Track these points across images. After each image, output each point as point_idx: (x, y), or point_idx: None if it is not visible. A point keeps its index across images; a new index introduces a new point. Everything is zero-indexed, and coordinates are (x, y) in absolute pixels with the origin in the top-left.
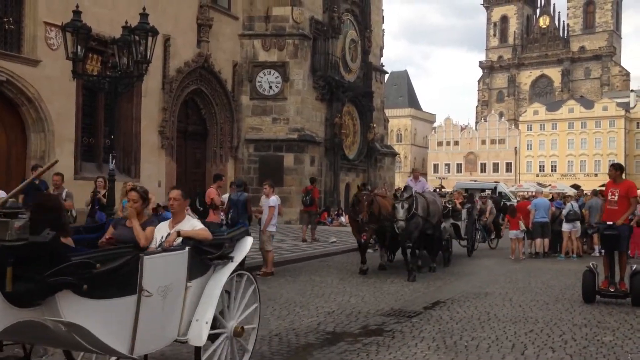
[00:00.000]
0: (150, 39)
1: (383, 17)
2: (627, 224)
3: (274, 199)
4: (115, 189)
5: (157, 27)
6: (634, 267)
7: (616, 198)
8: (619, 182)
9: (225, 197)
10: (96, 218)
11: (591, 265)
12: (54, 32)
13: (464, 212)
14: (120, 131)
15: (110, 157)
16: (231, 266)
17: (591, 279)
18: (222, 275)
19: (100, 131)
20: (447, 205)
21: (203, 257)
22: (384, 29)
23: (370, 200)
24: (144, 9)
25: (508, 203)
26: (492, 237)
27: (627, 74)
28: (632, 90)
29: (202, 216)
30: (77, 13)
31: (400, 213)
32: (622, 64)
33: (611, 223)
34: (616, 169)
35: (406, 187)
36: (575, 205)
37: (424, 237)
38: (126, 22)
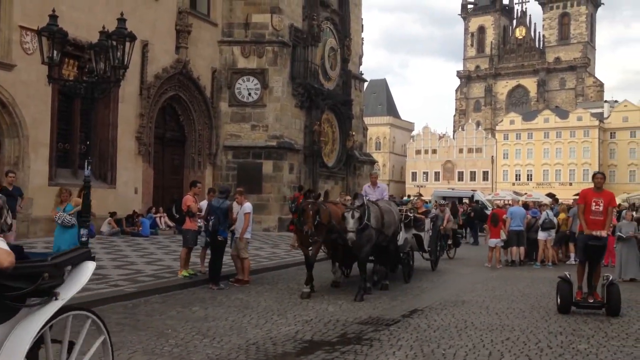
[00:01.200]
0: (128, 44)
1: (362, 25)
2: (607, 235)
3: (249, 205)
4: (90, 195)
5: (135, 32)
6: (609, 278)
7: (601, 208)
8: (601, 192)
9: (203, 204)
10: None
11: (566, 275)
12: (30, 37)
13: (427, 222)
14: (96, 137)
15: (86, 163)
16: (55, 305)
17: (567, 289)
18: (37, 320)
19: (76, 137)
20: (409, 214)
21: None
22: (363, 38)
23: (316, 210)
24: (121, 14)
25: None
26: (450, 246)
27: (601, 85)
28: (605, 101)
29: (179, 223)
30: (53, 17)
31: (350, 224)
32: (596, 75)
33: (597, 233)
34: (604, 177)
35: (357, 195)
36: (551, 213)
37: (380, 250)
38: (103, 27)
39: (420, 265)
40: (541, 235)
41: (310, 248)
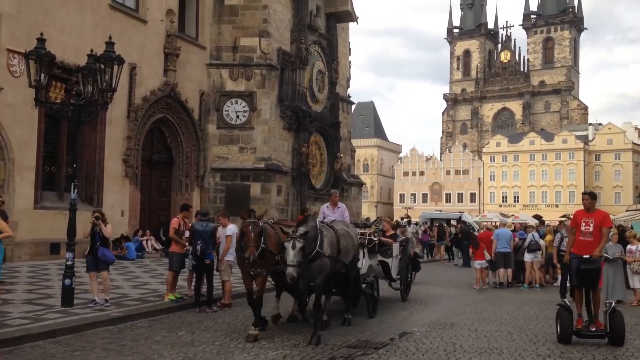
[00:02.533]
0: (116, 67)
1: (350, 49)
2: (600, 257)
3: (231, 228)
4: (76, 219)
5: (124, 55)
6: (612, 304)
7: (591, 229)
8: (593, 212)
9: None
10: (100, 255)
11: (566, 303)
12: (17, 59)
13: (395, 247)
14: (83, 160)
15: (72, 186)
16: None
17: (568, 318)
18: None
19: (62, 159)
20: (372, 238)
21: None
22: (350, 61)
23: (258, 232)
24: (110, 37)
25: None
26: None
27: (586, 108)
28: (590, 124)
29: (166, 246)
30: (41, 40)
31: (291, 256)
32: (580, 98)
33: (588, 257)
34: (592, 198)
35: (305, 219)
36: (537, 235)
37: (338, 279)
38: (92, 50)
39: (390, 295)
40: (527, 257)
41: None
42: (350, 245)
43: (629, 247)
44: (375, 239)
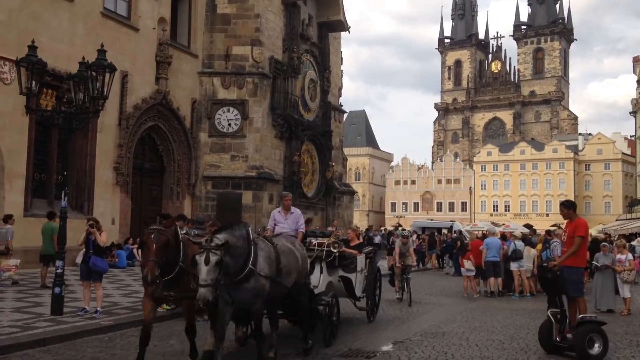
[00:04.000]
0: (107, 75)
1: (342, 58)
2: (575, 267)
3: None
4: (67, 226)
5: (115, 63)
6: (583, 317)
7: (565, 238)
8: (572, 221)
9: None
10: (90, 264)
11: (550, 313)
12: (8, 67)
13: (360, 260)
14: (73, 167)
15: (63, 193)
16: None
17: (548, 328)
18: None
19: (52, 167)
20: (332, 250)
21: None
22: (342, 70)
23: (164, 242)
24: (102, 45)
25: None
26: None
27: (575, 118)
28: (580, 134)
29: None
30: (32, 48)
31: (203, 272)
32: (570, 108)
33: (545, 265)
34: (567, 207)
35: (226, 226)
36: (519, 243)
37: (288, 302)
38: (83, 58)
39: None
40: (512, 266)
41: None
42: (293, 265)
43: (618, 256)
44: (335, 250)
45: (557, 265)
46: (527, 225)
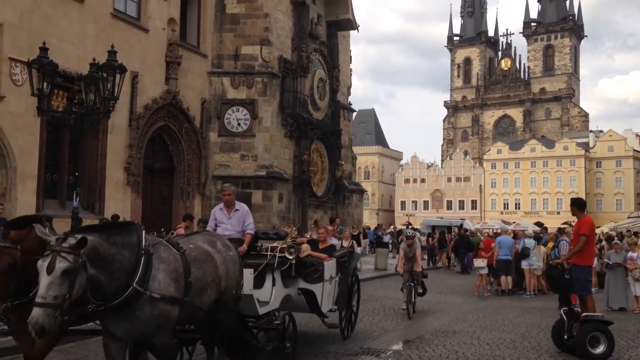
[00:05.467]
0: (118, 76)
1: (350, 57)
2: (581, 265)
3: None
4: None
5: (125, 64)
6: (587, 315)
7: (573, 237)
8: (579, 219)
9: None
10: None
11: (563, 312)
12: (19, 68)
13: (329, 266)
14: (84, 168)
15: (75, 194)
16: None
17: (560, 326)
18: None
19: (64, 168)
20: (287, 256)
21: None
22: (351, 69)
23: (8, 265)
24: (112, 46)
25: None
26: (420, 291)
27: (586, 115)
28: (591, 131)
29: None
30: (43, 49)
31: (44, 285)
32: (580, 105)
33: (551, 263)
34: (571, 205)
35: (100, 227)
36: (528, 241)
37: (211, 325)
38: (94, 59)
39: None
40: (524, 264)
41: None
42: (210, 277)
43: (630, 254)
44: (292, 257)
45: (561, 263)
46: (538, 224)
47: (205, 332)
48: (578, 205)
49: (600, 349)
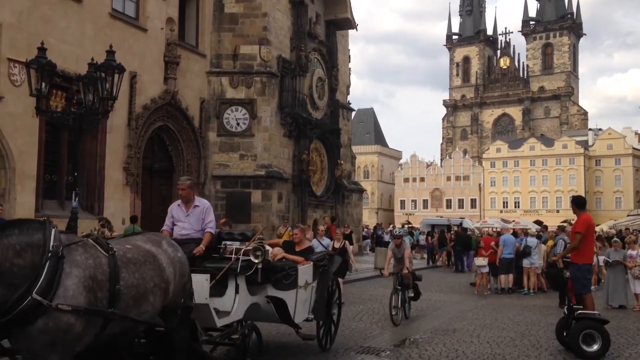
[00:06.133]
0: (116, 75)
1: (349, 56)
2: (579, 264)
3: None
4: (78, 227)
5: (124, 64)
6: (580, 312)
7: (571, 235)
8: (578, 217)
9: None
10: None
11: (565, 310)
12: (18, 69)
13: (304, 271)
14: (83, 168)
15: (74, 194)
16: None
17: (562, 321)
18: None
19: (63, 168)
20: (253, 259)
21: None
22: (350, 68)
23: None
24: (110, 46)
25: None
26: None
27: (585, 113)
28: (590, 129)
29: None
30: (42, 50)
31: None
32: (580, 104)
33: (550, 260)
34: (573, 203)
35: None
36: (531, 240)
37: (156, 340)
38: (92, 59)
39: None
40: (525, 263)
41: None
42: (153, 282)
43: (629, 252)
44: (257, 260)
45: (556, 261)
46: (538, 222)
47: (158, 348)
48: (577, 204)
49: (594, 347)
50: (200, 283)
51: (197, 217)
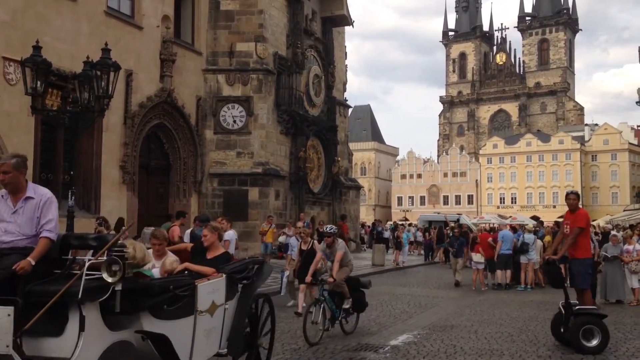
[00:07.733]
0: (112, 74)
1: (346, 53)
2: (580, 259)
3: (230, 234)
4: (74, 225)
5: (120, 62)
6: (578, 307)
7: (568, 230)
8: (574, 213)
9: (187, 232)
10: None
11: (561, 306)
12: (13, 67)
13: (208, 289)
14: (80, 167)
15: (70, 193)
16: None
17: (557, 318)
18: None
19: (59, 167)
20: (107, 279)
21: None
22: (346, 65)
23: None
24: (106, 44)
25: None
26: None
27: (581, 109)
28: (586, 125)
29: None
30: (37, 48)
31: None
32: (576, 99)
33: (547, 258)
34: (576, 198)
35: None
36: (528, 236)
37: None
38: (88, 57)
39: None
40: (522, 259)
41: None
42: None
43: (626, 247)
44: (113, 279)
45: (552, 257)
46: (535, 217)
47: None
48: (578, 197)
49: (594, 342)
50: None
51: (29, 214)
